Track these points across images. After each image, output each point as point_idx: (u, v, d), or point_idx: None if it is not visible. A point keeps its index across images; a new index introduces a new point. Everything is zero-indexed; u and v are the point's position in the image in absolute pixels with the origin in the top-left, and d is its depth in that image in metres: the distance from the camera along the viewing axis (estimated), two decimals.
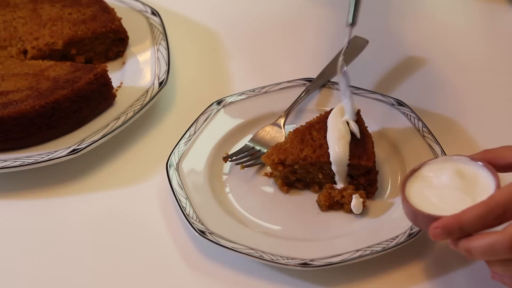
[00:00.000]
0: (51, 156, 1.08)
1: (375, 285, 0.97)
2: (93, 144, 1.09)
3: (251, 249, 0.97)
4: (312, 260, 0.95)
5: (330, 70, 1.17)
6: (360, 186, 1.03)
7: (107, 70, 1.15)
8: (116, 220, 1.06)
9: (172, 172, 1.06)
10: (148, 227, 1.04)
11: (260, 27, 1.33)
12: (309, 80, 1.17)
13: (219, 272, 0.99)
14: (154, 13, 1.27)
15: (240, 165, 1.08)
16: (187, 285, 0.99)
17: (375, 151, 1.04)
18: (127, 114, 1.13)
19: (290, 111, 1.13)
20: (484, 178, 0.89)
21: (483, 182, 0.89)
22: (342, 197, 1.02)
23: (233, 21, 1.34)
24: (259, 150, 1.09)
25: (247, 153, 1.09)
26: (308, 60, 1.24)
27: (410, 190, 0.90)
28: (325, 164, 1.03)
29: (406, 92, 1.18)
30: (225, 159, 1.08)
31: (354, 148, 1.02)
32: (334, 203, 1.03)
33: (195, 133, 1.11)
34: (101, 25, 1.21)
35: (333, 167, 1.02)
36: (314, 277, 0.97)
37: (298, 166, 1.03)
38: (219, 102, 1.15)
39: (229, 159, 1.08)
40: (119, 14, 1.24)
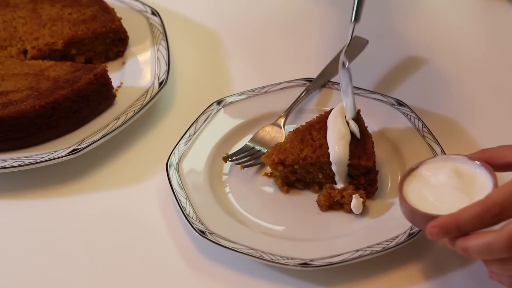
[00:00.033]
0: (51, 156, 1.08)
1: (375, 285, 0.97)
2: (93, 144, 1.09)
3: (251, 249, 0.97)
4: (312, 260, 0.95)
5: (330, 70, 1.17)
6: (360, 186, 1.03)
7: (107, 70, 1.14)
8: (116, 220, 1.06)
9: (172, 172, 1.06)
10: (148, 227, 1.04)
11: (260, 27, 1.33)
12: (309, 80, 1.17)
13: (219, 272, 0.99)
14: (154, 13, 1.27)
15: (240, 165, 1.08)
16: (187, 285, 0.99)
17: (375, 151, 1.03)
18: (127, 114, 1.13)
19: (290, 111, 1.13)
20: (482, 177, 0.89)
21: (481, 181, 0.89)
22: (342, 197, 1.02)
23: (233, 21, 1.34)
24: (259, 150, 1.09)
25: (247, 153, 1.09)
26: (308, 60, 1.24)
27: (408, 189, 0.90)
28: (325, 164, 1.03)
29: (406, 92, 1.18)
30: (225, 159, 1.08)
31: (354, 148, 1.02)
32: (334, 203, 1.03)
33: (195, 133, 1.11)
34: (101, 25, 1.21)
35: (333, 167, 1.02)
36: (314, 277, 0.97)
37: (298, 166, 1.03)
38: (219, 102, 1.15)
39: (229, 159, 1.08)
40: (119, 14, 1.24)
